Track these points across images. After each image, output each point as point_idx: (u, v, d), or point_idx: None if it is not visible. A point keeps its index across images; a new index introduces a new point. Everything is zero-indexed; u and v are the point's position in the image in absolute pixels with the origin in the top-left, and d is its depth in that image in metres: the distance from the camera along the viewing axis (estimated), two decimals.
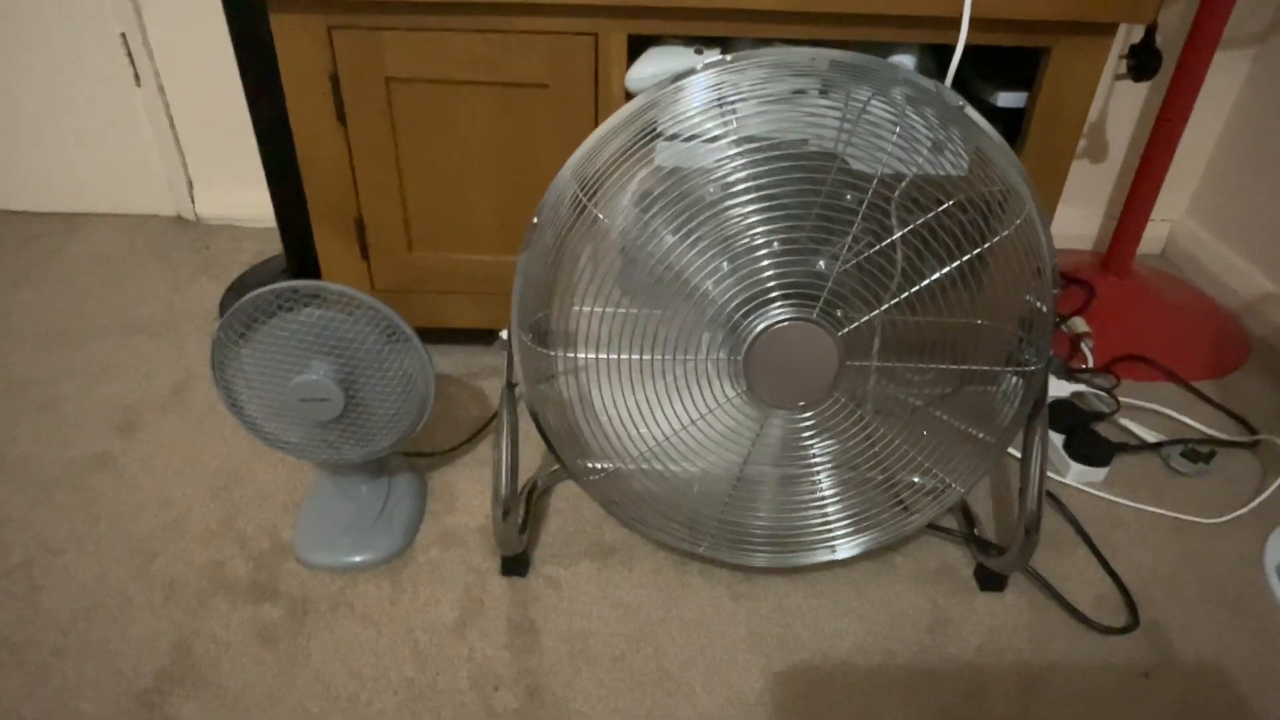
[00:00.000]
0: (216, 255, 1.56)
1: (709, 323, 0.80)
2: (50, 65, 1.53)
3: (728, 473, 0.88)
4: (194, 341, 1.33)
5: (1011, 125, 1.06)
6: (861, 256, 0.77)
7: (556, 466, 1.06)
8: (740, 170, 0.75)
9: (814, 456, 0.88)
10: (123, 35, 1.49)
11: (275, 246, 1.58)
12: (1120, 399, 1.22)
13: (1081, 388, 1.22)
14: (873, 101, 0.75)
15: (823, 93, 0.77)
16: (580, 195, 0.78)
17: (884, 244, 0.76)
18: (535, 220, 0.80)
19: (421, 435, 1.14)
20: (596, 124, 1.02)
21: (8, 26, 1.49)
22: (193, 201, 1.67)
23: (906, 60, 1.01)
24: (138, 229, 1.64)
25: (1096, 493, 1.09)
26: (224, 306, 1.42)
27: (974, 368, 0.85)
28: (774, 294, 0.78)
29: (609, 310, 0.81)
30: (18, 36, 1.50)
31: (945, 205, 0.75)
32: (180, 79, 1.54)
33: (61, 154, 1.62)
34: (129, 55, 1.51)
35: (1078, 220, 1.65)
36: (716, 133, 0.76)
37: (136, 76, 1.53)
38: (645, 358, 0.82)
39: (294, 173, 1.16)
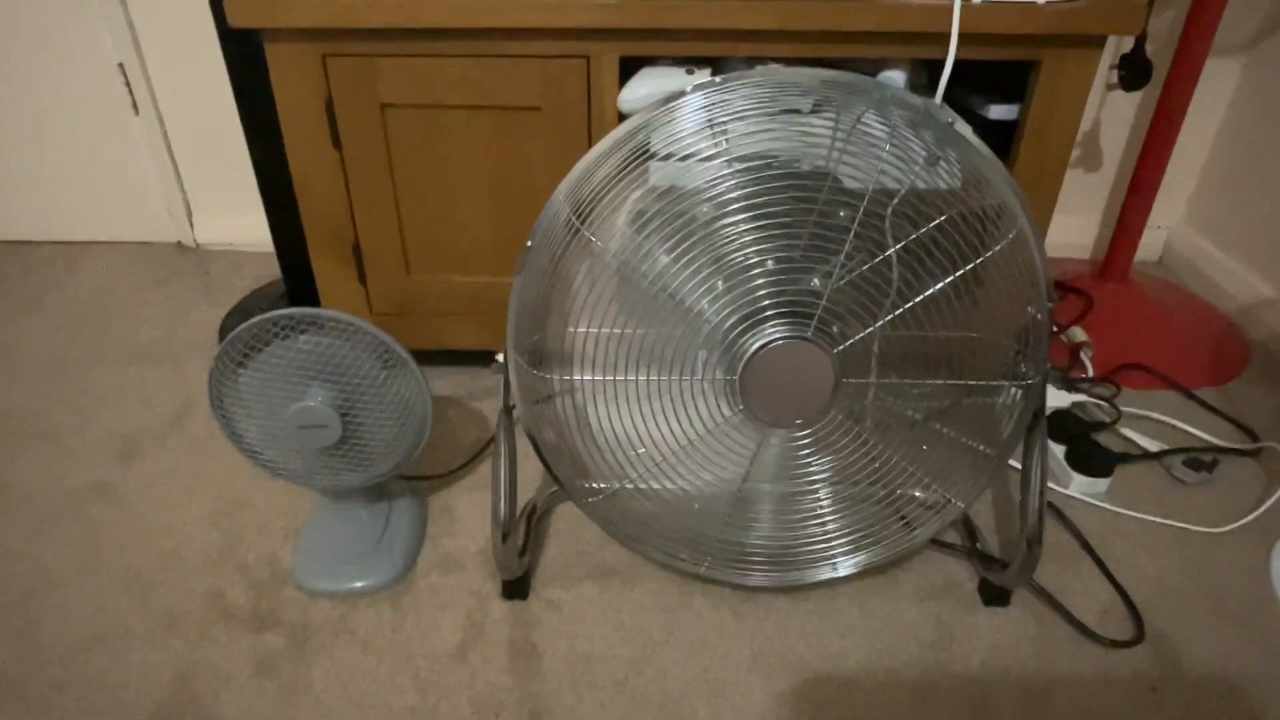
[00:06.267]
0: (216, 281, 1.57)
1: (704, 342, 0.80)
2: (50, 96, 1.54)
3: (726, 492, 0.88)
4: (194, 368, 1.33)
5: (1004, 137, 1.06)
6: (854, 274, 0.77)
7: (555, 488, 1.06)
8: (733, 190, 0.75)
9: (813, 474, 0.88)
10: (120, 65, 1.50)
11: (275, 270, 1.59)
12: (1121, 408, 1.21)
13: (1082, 398, 1.21)
14: (863, 119, 0.75)
15: (814, 111, 0.77)
16: (573, 218, 0.78)
17: (876, 260, 0.76)
18: (530, 243, 0.80)
19: (420, 458, 1.14)
20: (590, 146, 1.03)
21: (7, 57, 1.50)
22: (192, 228, 1.67)
23: (897, 76, 1.02)
24: (138, 256, 1.65)
25: (1099, 504, 1.08)
26: (224, 332, 1.42)
27: (972, 382, 0.85)
28: (769, 312, 0.78)
29: (604, 331, 0.81)
30: (18, 67, 1.51)
31: (937, 221, 0.76)
32: (178, 108, 1.56)
33: (62, 183, 1.63)
34: (127, 85, 1.52)
35: (1074, 229, 1.65)
36: (709, 152, 0.76)
37: (135, 105, 1.54)
38: (641, 379, 0.82)
39: (291, 199, 1.16)
